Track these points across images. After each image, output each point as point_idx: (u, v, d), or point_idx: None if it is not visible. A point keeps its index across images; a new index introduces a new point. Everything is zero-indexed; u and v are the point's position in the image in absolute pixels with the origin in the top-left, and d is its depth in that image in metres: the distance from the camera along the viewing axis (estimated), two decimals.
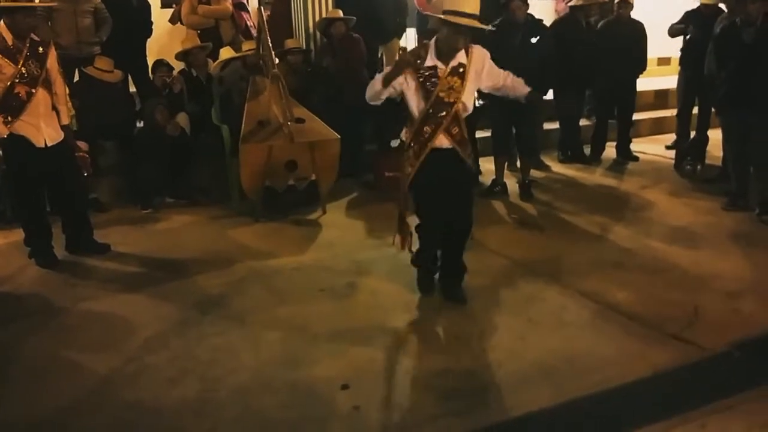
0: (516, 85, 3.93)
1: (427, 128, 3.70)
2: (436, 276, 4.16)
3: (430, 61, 3.65)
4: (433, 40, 3.69)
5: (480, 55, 3.73)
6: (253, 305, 4.07)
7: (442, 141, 3.72)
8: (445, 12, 3.54)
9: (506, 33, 5.62)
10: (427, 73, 3.65)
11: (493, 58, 3.81)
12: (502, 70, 3.87)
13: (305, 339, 3.62)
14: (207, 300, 4.14)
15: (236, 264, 4.67)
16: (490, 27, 3.75)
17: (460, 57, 3.66)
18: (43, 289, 4.37)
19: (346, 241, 5.05)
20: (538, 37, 5.75)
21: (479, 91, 4.09)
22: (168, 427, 2.94)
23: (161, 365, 3.41)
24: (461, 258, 4.03)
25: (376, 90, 3.70)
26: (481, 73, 3.76)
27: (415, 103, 3.70)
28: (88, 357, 3.52)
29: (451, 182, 3.77)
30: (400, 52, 3.77)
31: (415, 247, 4.10)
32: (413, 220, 4.03)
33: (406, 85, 3.68)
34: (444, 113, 3.67)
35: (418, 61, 3.65)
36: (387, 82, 3.63)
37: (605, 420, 2.96)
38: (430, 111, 3.67)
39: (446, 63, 3.64)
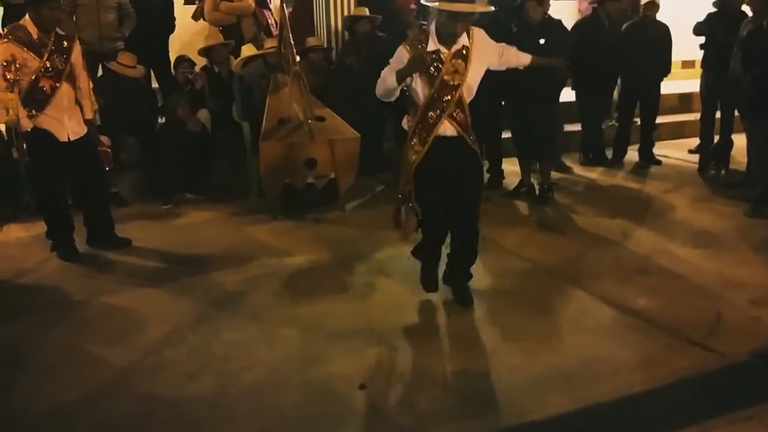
0: (514, 56, 3.96)
1: (432, 113, 3.68)
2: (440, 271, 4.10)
3: (432, 45, 3.63)
4: (432, 24, 3.67)
5: (481, 35, 3.73)
6: (269, 302, 4.07)
7: (448, 128, 3.69)
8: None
9: (521, 33, 5.57)
10: (430, 59, 3.61)
11: None
12: (497, 44, 3.85)
13: (322, 337, 3.62)
14: (224, 296, 4.16)
15: (254, 261, 4.68)
16: (488, 8, 3.72)
17: (463, 40, 3.64)
18: (63, 282, 4.41)
19: (365, 240, 5.04)
20: (543, 40, 5.66)
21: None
22: (184, 421, 2.95)
23: (178, 360, 3.43)
24: (470, 258, 3.98)
25: (390, 88, 3.66)
26: (485, 53, 3.74)
27: (420, 89, 3.68)
28: (106, 349, 3.54)
29: (457, 172, 3.75)
30: (406, 47, 3.69)
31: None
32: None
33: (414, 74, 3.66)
34: (449, 97, 3.65)
35: (421, 46, 3.63)
36: (402, 79, 3.61)
37: (623, 427, 2.92)
38: (435, 96, 3.65)
39: (449, 47, 3.62)
